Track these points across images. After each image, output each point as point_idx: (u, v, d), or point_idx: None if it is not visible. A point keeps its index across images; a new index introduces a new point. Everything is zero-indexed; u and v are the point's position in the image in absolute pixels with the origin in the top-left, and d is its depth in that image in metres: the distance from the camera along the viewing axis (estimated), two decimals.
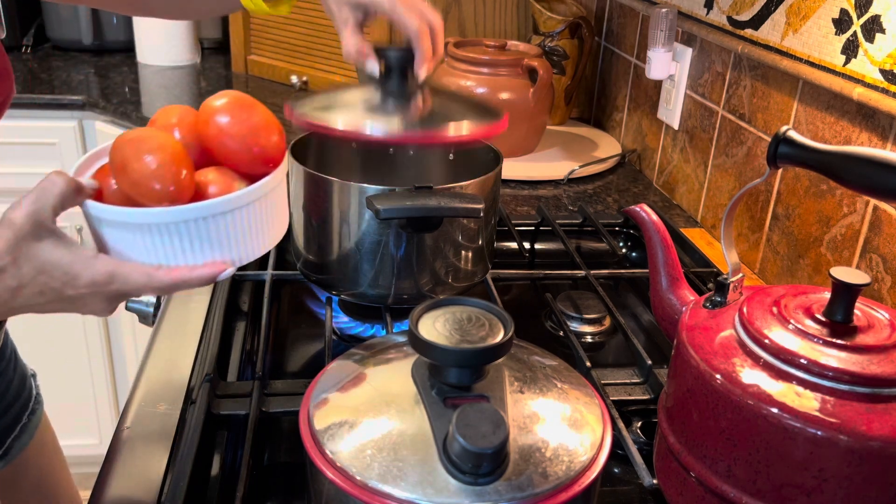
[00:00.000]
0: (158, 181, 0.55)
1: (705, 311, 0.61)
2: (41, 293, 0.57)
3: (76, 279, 0.56)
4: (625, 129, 1.53)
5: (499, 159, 0.87)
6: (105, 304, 0.59)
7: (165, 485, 0.63)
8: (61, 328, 1.85)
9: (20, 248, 0.55)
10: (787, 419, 0.50)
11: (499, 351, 0.50)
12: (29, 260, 0.55)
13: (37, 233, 0.55)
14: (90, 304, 0.59)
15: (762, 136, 1.06)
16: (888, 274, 0.83)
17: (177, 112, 0.62)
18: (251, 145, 0.60)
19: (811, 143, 0.56)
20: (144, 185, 0.56)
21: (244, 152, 0.60)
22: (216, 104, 0.60)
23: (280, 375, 0.85)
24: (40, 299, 0.57)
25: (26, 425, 0.94)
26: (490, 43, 1.43)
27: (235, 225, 0.59)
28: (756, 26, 1.05)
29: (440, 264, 0.83)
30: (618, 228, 1.16)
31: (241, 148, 0.60)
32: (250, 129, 0.60)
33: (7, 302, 0.57)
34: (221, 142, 0.60)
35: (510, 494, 0.45)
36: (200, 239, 0.58)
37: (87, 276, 0.56)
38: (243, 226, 0.59)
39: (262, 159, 0.60)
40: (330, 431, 0.49)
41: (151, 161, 0.55)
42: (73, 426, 1.96)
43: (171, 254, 0.58)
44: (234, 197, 0.58)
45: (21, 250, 0.55)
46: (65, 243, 0.56)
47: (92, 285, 0.57)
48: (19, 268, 0.55)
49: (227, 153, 0.60)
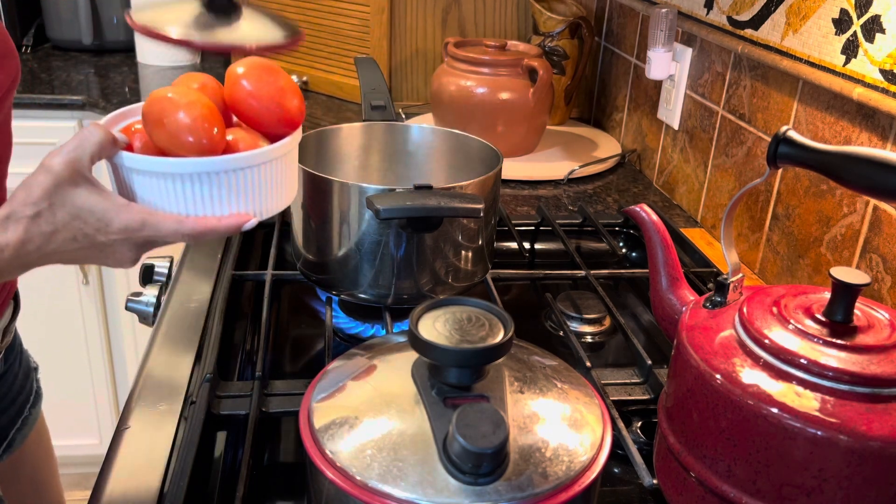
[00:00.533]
0: (193, 134, 0.59)
1: (705, 311, 0.61)
2: (74, 239, 0.59)
3: (109, 225, 0.58)
4: (625, 129, 1.53)
5: (499, 159, 0.87)
6: (132, 253, 0.61)
7: (165, 485, 0.63)
8: (62, 329, 1.85)
9: (57, 194, 0.57)
10: (787, 419, 0.50)
11: (499, 351, 0.50)
12: (64, 205, 0.57)
13: (74, 179, 0.57)
14: (119, 252, 0.61)
15: (762, 136, 1.06)
16: (888, 274, 0.83)
17: (199, 79, 0.66)
18: (275, 107, 0.64)
19: (811, 143, 0.56)
20: (179, 138, 0.59)
21: (269, 113, 0.64)
22: (243, 69, 0.65)
23: (280, 375, 0.85)
24: (72, 245, 0.59)
25: (27, 418, 0.96)
26: (490, 43, 1.43)
27: (261, 179, 0.63)
28: (756, 26, 1.05)
29: (440, 264, 0.83)
30: (618, 228, 1.16)
31: (267, 109, 0.64)
32: (275, 91, 0.64)
33: (41, 247, 0.59)
34: (248, 104, 0.64)
35: (510, 494, 0.45)
36: (229, 190, 0.62)
37: (120, 223, 0.59)
38: (267, 180, 0.64)
39: (285, 121, 0.65)
40: (330, 431, 0.49)
41: (186, 116, 0.59)
42: (73, 426, 1.96)
43: (200, 204, 0.61)
44: (261, 152, 0.62)
45: (58, 196, 0.57)
46: (99, 191, 0.59)
47: (124, 231, 0.59)
48: (55, 213, 0.57)
49: (253, 114, 0.65)
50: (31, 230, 0.58)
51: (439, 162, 0.98)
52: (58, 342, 1.85)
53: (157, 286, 0.97)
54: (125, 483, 0.64)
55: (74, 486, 2.10)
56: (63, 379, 1.89)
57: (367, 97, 1.36)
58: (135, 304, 0.95)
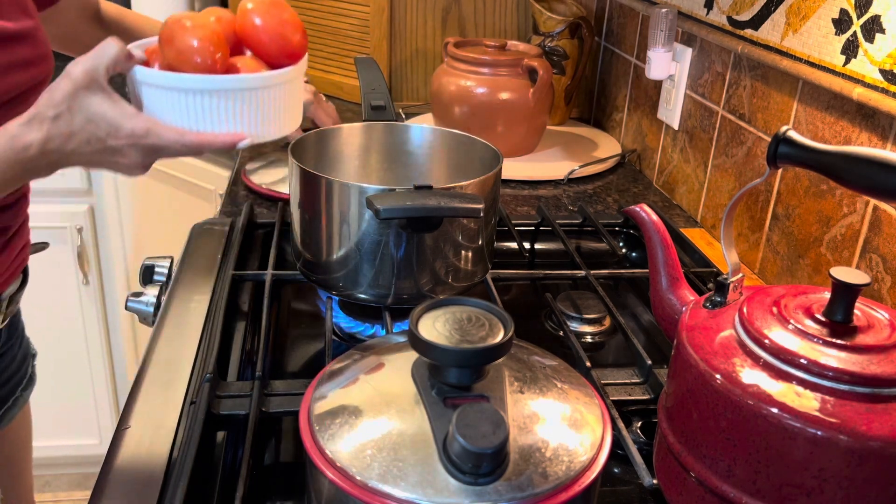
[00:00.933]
0: (199, 55, 0.67)
1: (705, 311, 0.61)
2: (88, 142, 0.66)
3: (118, 130, 0.66)
4: (625, 129, 1.53)
5: (499, 159, 0.87)
6: (140, 159, 0.68)
7: (165, 485, 0.63)
8: (62, 329, 1.85)
9: (75, 99, 0.65)
10: (787, 419, 0.50)
11: (499, 351, 0.50)
12: (81, 110, 0.65)
13: (90, 87, 0.65)
14: (128, 157, 0.68)
15: (762, 136, 1.06)
16: (888, 274, 0.83)
17: (217, 12, 0.73)
18: (279, 39, 0.71)
19: (811, 143, 0.56)
20: (187, 56, 0.67)
21: (273, 45, 0.71)
22: (252, 4, 0.71)
23: (280, 375, 0.85)
24: (87, 148, 0.67)
25: (18, 399, 1.02)
26: (490, 43, 1.43)
27: (257, 103, 0.69)
28: (756, 26, 1.05)
29: (440, 264, 0.83)
30: (618, 228, 1.16)
31: (271, 41, 0.71)
32: (279, 24, 0.71)
33: (61, 147, 0.67)
34: (255, 35, 0.71)
35: (510, 494, 0.45)
36: (226, 110, 0.68)
37: (128, 128, 0.66)
38: (263, 105, 0.70)
39: (288, 52, 0.71)
40: (330, 431, 0.49)
41: (194, 37, 0.67)
42: (73, 426, 1.96)
43: (199, 119, 0.68)
44: (257, 76, 0.69)
45: (76, 101, 0.65)
46: (112, 99, 0.66)
47: (131, 136, 0.66)
48: (73, 116, 0.65)
49: (259, 45, 0.72)
50: (52, 130, 0.65)
51: (439, 162, 0.98)
52: (58, 342, 1.85)
53: (157, 286, 0.97)
54: (125, 483, 0.64)
55: (74, 486, 2.10)
56: (63, 379, 1.89)
57: (367, 97, 1.36)
58: (135, 304, 0.95)
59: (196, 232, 1.07)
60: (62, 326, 1.85)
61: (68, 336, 1.87)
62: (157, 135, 0.66)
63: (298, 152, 0.88)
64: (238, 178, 1.29)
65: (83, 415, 1.96)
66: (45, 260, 1.05)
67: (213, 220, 1.11)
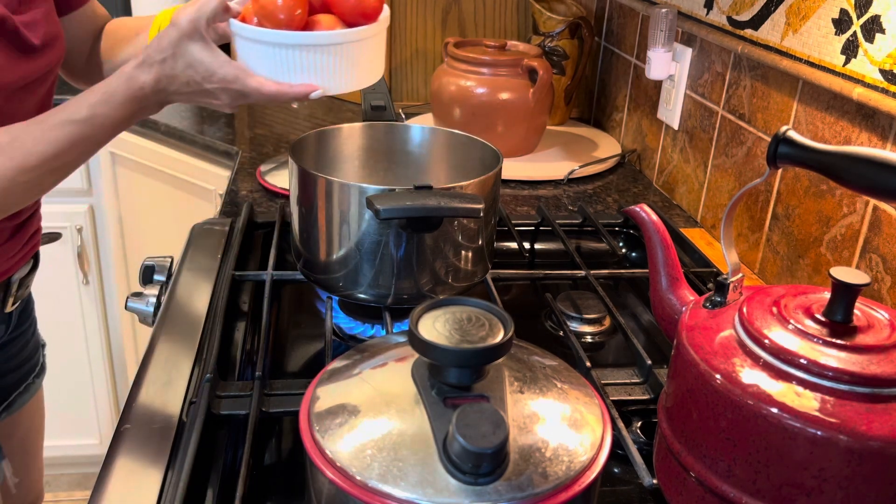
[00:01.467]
0: (282, 12, 0.75)
1: (705, 311, 0.61)
2: (188, 83, 0.76)
3: (212, 75, 0.75)
4: (625, 129, 1.53)
5: (499, 159, 0.87)
6: (229, 101, 0.78)
7: (165, 485, 0.63)
8: (62, 329, 1.85)
9: (179, 46, 0.74)
10: (787, 419, 0.50)
11: (499, 351, 0.50)
12: (184, 56, 0.75)
13: (192, 35, 0.74)
14: (220, 98, 0.77)
15: (762, 136, 1.06)
16: (888, 274, 0.83)
17: None
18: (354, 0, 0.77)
19: (811, 144, 0.56)
20: (271, 13, 0.75)
21: (349, 5, 0.78)
22: None
23: (280, 375, 0.85)
24: (187, 89, 0.77)
25: (30, 385, 1.05)
26: (490, 43, 1.43)
27: (330, 58, 0.76)
28: (756, 26, 1.05)
29: (440, 264, 0.83)
30: (618, 228, 1.16)
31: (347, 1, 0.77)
32: None
33: (166, 88, 0.76)
34: None
35: (510, 494, 0.45)
36: (303, 63, 0.76)
37: (220, 74, 0.75)
38: (337, 61, 0.77)
39: (362, 12, 0.78)
40: (330, 431, 0.49)
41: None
42: (73, 426, 1.96)
43: (280, 70, 0.76)
44: (331, 34, 0.76)
45: (180, 47, 0.74)
46: (209, 48, 0.75)
47: (222, 81, 0.76)
48: (176, 60, 0.75)
49: (337, 3, 0.78)
50: (160, 72, 0.75)
51: (439, 162, 0.98)
52: (58, 342, 1.85)
53: (157, 286, 0.97)
54: (125, 483, 0.64)
55: (74, 486, 2.10)
56: (63, 379, 1.89)
57: (367, 97, 1.36)
58: (135, 304, 0.95)
59: (196, 232, 1.07)
60: (62, 326, 1.85)
61: (68, 336, 1.87)
62: (243, 82, 0.75)
63: (298, 152, 0.88)
64: (236, 178, 1.29)
65: (83, 415, 1.96)
66: (46, 259, 1.05)
67: (213, 220, 1.11)
